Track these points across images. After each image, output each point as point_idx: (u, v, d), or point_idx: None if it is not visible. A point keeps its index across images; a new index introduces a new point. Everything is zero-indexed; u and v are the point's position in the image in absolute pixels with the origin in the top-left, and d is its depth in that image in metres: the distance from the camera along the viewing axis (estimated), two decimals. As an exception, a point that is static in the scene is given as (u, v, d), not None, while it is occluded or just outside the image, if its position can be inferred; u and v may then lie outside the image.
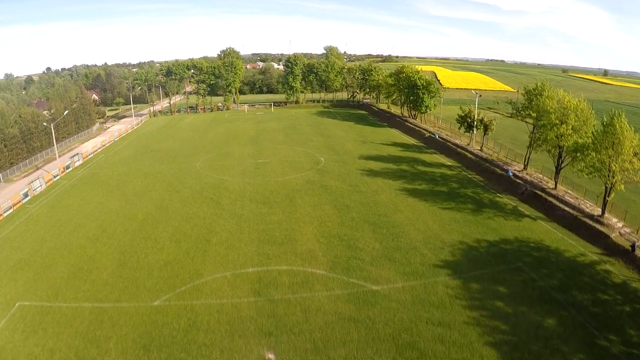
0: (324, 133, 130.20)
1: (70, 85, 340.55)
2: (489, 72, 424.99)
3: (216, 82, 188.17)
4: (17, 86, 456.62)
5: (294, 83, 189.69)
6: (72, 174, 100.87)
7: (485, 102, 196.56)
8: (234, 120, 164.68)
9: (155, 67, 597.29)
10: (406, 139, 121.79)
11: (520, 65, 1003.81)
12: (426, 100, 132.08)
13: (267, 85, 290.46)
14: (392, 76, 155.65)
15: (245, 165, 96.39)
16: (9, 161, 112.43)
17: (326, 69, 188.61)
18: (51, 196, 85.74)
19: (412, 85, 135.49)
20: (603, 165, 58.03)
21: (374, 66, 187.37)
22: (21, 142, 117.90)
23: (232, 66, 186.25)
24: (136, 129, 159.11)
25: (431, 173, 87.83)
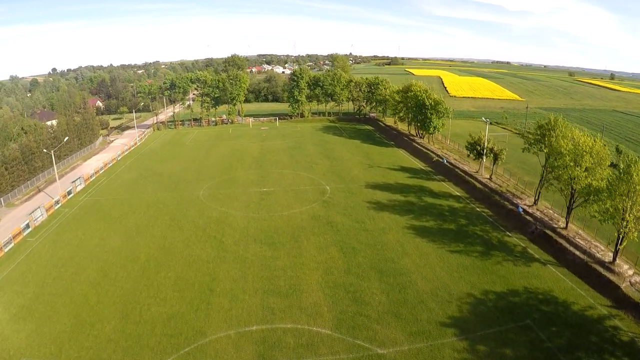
0: (330, 155, 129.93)
1: (74, 91, 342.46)
2: (495, 77, 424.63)
3: (220, 95, 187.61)
4: (22, 89, 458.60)
5: (299, 96, 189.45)
6: (73, 201, 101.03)
7: (493, 116, 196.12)
8: (238, 136, 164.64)
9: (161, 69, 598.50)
10: (413, 163, 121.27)
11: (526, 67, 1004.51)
12: (434, 121, 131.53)
13: (272, 94, 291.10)
14: (399, 93, 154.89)
15: (249, 195, 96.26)
16: (10, 184, 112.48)
17: (332, 82, 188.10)
18: (52, 227, 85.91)
19: (420, 104, 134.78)
20: (617, 212, 57.44)
21: (380, 79, 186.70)
22: (22, 163, 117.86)
23: (237, 79, 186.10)
24: (139, 146, 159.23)
25: (439, 206, 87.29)
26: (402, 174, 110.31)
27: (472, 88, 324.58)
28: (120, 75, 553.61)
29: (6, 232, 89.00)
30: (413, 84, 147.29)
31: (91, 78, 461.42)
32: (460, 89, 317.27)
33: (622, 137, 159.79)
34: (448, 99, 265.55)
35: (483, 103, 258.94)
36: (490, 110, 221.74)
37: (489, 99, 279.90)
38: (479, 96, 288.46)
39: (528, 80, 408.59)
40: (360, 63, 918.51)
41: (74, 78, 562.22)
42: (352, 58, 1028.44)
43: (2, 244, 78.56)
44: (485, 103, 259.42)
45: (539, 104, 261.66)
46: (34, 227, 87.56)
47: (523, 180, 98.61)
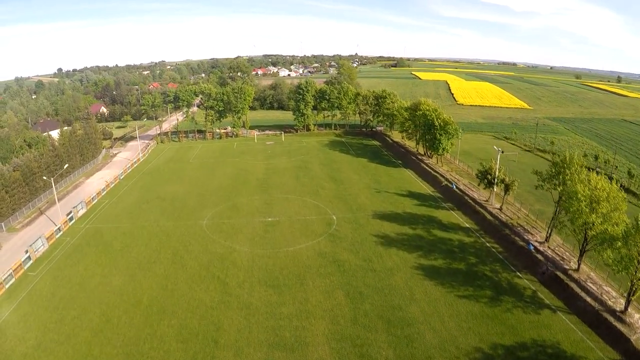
0: (336, 176, 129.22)
1: (79, 96, 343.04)
2: (502, 82, 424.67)
3: (225, 108, 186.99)
4: (27, 92, 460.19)
5: (305, 110, 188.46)
6: (75, 228, 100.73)
7: (502, 128, 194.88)
8: (243, 153, 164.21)
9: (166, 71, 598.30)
10: (422, 187, 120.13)
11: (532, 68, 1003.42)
12: (443, 141, 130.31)
13: (277, 101, 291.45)
14: (408, 110, 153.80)
15: (253, 226, 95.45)
16: (11, 207, 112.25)
17: (339, 95, 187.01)
18: (54, 260, 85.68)
19: (429, 124, 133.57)
20: (631, 262, 56.49)
21: (388, 92, 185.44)
22: (23, 184, 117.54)
23: (242, 92, 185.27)
24: (142, 162, 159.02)
25: (448, 241, 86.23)
26: (411, 200, 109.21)
27: (480, 95, 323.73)
28: (126, 78, 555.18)
29: (7, 261, 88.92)
30: (422, 102, 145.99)
31: (96, 81, 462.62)
32: (467, 96, 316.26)
33: (634, 153, 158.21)
34: (455, 107, 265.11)
35: (491, 112, 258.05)
36: (499, 122, 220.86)
37: (497, 108, 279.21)
38: (486, 104, 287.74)
39: (535, 86, 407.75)
40: (366, 64, 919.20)
41: (79, 80, 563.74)
42: (357, 59, 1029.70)
43: (2, 280, 78.27)
44: (493, 112, 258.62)
45: (547, 112, 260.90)
46: (35, 260, 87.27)
47: (534, 209, 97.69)
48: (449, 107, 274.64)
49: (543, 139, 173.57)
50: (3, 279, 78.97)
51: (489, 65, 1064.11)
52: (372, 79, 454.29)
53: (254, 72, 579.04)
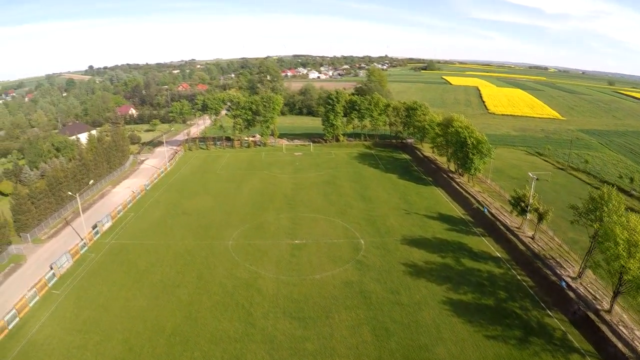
0: (365, 194, 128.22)
1: (108, 96, 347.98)
2: (534, 89, 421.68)
3: (253, 117, 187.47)
4: (57, 91, 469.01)
5: (335, 120, 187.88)
6: (100, 243, 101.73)
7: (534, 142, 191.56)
8: (271, 164, 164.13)
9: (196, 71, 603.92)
10: (452, 208, 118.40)
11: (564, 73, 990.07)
12: (476, 161, 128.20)
13: (307, 107, 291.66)
14: (440, 126, 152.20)
15: (280, 248, 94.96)
16: (37, 218, 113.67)
17: (369, 106, 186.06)
18: (78, 277, 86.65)
19: (462, 142, 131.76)
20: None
21: (419, 104, 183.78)
22: (49, 195, 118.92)
23: (271, 101, 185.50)
24: (169, 171, 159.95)
25: (478, 273, 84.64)
26: (441, 224, 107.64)
27: (511, 103, 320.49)
28: (155, 77, 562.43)
29: (32, 276, 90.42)
30: (455, 118, 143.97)
31: (126, 81, 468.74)
32: (499, 104, 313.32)
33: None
34: (486, 117, 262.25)
35: (523, 123, 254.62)
36: (531, 135, 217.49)
37: (529, 118, 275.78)
38: (518, 113, 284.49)
39: (568, 93, 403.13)
40: (396, 66, 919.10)
41: (109, 79, 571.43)
42: (387, 60, 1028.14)
43: (27, 299, 79.37)
44: (525, 123, 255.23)
45: (580, 124, 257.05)
46: (59, 276, 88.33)
47: (567, 237, 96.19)
48: (480, 116, 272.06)
49: (577, 156, 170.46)
50: (28, 297, 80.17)
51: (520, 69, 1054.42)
52: (402, 84, 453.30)
53: (283, 74, 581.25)
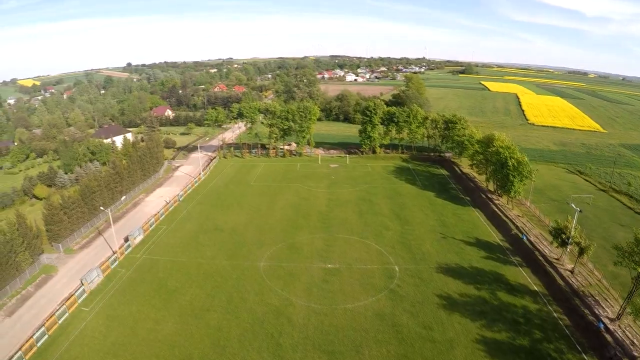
0: (401, 214, 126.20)
1: (145, 96, 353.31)
2: (574, 97, 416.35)
3: (289, 126, 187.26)
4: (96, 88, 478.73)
5: (372, 132, 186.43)
6: (131, 258, 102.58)
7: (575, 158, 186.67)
8: (305, 177, 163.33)
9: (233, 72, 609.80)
10: (490, 233, 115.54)
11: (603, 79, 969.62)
12: (516, 184, 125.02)
13: (343, 113, 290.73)
14: (480, 143, 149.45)
15: (312, 272, 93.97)
16: (70, 228, 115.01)
17: (407, 119, 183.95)
18: (107, 295, 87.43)
19: (502, 162, 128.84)
20: None
21: (458, 117, 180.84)
22: (82, 204, 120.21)
23: (307, 111, 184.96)
24: (203, 181, 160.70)
25: (513, 308, 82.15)
26: (478, 251, 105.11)
27: (552, 113, 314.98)
28: (193, 77, 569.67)
29: (62, 289, 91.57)
30: (496, 137, 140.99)
31: (162, 81, 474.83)
32: (539, 114, 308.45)
33: None
34: (526, 128, 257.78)
35: (563, 136, 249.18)
36: (572, 151, 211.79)
37: (569, 130, 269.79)
38: (558, 125, 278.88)
39: (609, 102, 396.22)
40: (434, 69, 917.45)
41: (147, 78, 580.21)
42: (425, 63, 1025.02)
43: (56, 317, 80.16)
44: (566, 136, 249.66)
45: (622, 137, 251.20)
46: (89, 292, 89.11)
47: (608, 270, 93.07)
48: (520, 127, 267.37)
49: (619, 176, 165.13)
50: (57, 314, 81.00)
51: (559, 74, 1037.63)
52: (440, 89, 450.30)
53: (320, 76, 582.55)
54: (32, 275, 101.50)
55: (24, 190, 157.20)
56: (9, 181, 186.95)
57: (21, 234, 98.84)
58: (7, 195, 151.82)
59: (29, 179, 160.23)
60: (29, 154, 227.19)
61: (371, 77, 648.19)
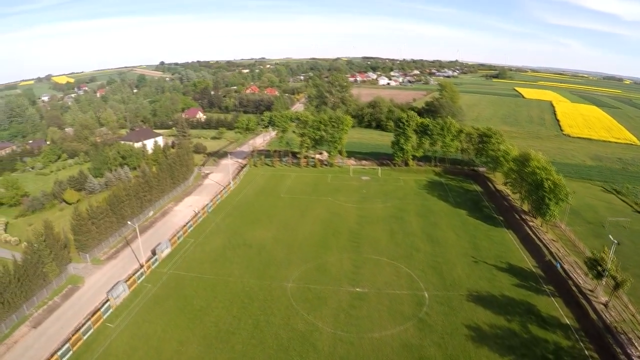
0: (433, 234, 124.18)
1: (177, 98, 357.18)
2: (611, 106, 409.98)
3: (321, 136, 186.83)
4: (129, 87, 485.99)
5: (405, 145, 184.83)
6: (157, 273, 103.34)
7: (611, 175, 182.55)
8: (336, 190, 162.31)
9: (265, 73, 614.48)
10: (523, 259, 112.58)
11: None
12: (552, 207, 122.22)
13: (376, 120, 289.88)
14: (515, 161, 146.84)
15: (340, 296, 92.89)
16: (97, 238, 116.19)
17: (441, 131, 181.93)
18: (133, 311, 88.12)
19: (538, 184, 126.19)
20: None
21: (493, 132, 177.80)
22: (110, 214, 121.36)
23: (339, 122, 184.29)
24: (233, 191, 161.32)
25: (544, 344, 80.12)
26: (509, 278, 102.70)
27: (587, 123, 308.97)
28: (225, 77, 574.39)
29: (88, 302, 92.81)
30: (532, 157, 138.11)
31: (195, 83, 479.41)
32: (574, 124, 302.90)
33: None
34: (561, 140, 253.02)
35: (599, 149, 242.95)
36: (608, 166, 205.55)
37: (606, 143, 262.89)
38: (594, 137, 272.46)
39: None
40: (467, 73, 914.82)
41: (179, 79, 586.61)
42: (458, 66, 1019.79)
43: (81, 333, 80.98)
44: (602, 149, 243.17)
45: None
46: (114, 308, 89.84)
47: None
48: (555, 139, 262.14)
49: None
50: (82, 329, 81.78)
51: (594, 79, 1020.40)
52: (474, 95, 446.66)
53: (352, 79, 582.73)
54: (59, 286, 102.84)
55: (53, 194, 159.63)
56: (39, 182, 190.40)
57: (48, 244, 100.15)
58: (37, 199, 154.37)
59: (59, 183, 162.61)
60: (60, 154, 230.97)
61: (404, 81, 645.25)
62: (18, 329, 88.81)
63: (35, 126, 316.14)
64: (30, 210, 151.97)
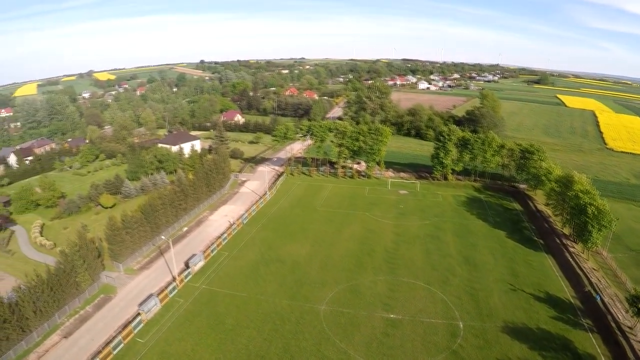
0: (470, 256, 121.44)
1: (216, 99, 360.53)
2: None
3: (359, 147, 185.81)
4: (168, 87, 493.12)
5: (445, 159, 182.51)
6: (190, 287, 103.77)
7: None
8: (373, 204, 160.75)
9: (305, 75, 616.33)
10: (562, 287, 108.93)
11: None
12: (594, 234, 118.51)
13: (415, 128, 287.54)
14: (558, 182, 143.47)
15: (373, 323, 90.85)
16: (131, 248, 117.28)
17: (482, 146, 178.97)
18: (164, 328, 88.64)
19: (581, 208, 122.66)
20: None
21: (536, 148, 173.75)
22: (144, 223, 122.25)
23: (379, 133, 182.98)
24: (269, 202, 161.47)
25: (579, 393, 77.03)
26: (547, 309, 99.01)
27: (631, 136, 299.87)
28: (264, 78, 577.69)
29: (119, 314, 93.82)
30: (576, 179, 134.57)
31: (234, 84, 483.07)
32: (617, 137, 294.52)
33: None
34: (603, 154, 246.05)
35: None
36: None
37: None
38: (638, 151, 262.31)
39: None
40: (508, 78, 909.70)
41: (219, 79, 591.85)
42: (499, 70, 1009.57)
43: (111, 348, 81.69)
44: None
45: None
46: (145, 323, 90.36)
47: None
48: (597, 153, 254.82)
49: None
50: (113, 345, 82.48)
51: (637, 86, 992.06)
52: (514, 103, 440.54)
53: (391, 82, 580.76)
54: (92, 295, 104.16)
55: (90, 197, 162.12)
56: (76, 183, 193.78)
57: (82, 255, 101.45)
58: (74, 202, 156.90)
59: (95, 186, 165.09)
60: (98, 154, 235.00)
61: (444, 86, 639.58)
62: (49, 337, 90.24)
63: (75, 124, 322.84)
64: (66, 213, 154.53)
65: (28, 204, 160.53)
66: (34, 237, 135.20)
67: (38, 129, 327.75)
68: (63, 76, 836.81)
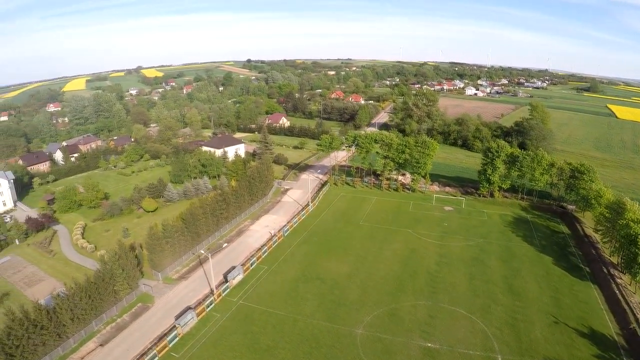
0: (513, 284, 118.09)
1: (262, 102, 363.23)
2: None
3: (405, 160, 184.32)
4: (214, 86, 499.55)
5: (492, 176, 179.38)
6: (227, 302, 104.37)
7: None
8: (417, 220, 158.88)
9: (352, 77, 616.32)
10: (606, 322, 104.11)
11: None
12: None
13: (462, 138, 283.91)
14: (609, 208, 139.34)
15: (410, 351, 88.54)
16: (171, 257, 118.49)
17: (531, 164, 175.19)
18: (199, 343, 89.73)
19: (631, 239, 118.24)
20: None
21: (587, 167, 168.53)
22: (185, 232, 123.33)
23: (425, 146, 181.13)
24: (312, 213, 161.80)
25: None
26: (589, 346, 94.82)
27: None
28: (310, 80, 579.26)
29: (156, 324, 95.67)
30: (627, 207, 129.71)
31: (280, 85, 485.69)
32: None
33: None
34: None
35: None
36: None
37: None
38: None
39: None
40: (557, 84, 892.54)
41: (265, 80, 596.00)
42: (547, 75, 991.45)
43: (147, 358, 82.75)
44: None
45: None
46: (180, 336, 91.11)
47: None
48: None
49: None
50: (148, 358, 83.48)
51: None
52: (564, 112, 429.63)
53: (439, 87, 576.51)
54: (129, 304, 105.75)
55: (132, 200, 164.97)
56: (120, 183, 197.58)
57: (121, 264, 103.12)
58: (116, 204, 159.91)
59: (138, 189, 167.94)
60: (142, 154, 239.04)
61: (492, 92, 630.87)
62: (85, 344, 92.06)
63: (121, 122, 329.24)
64: (109, 214, 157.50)
65: (71, 204, 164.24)
66: (76, 238, 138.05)
67: (85, 125, 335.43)
68: (112, 71, 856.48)
